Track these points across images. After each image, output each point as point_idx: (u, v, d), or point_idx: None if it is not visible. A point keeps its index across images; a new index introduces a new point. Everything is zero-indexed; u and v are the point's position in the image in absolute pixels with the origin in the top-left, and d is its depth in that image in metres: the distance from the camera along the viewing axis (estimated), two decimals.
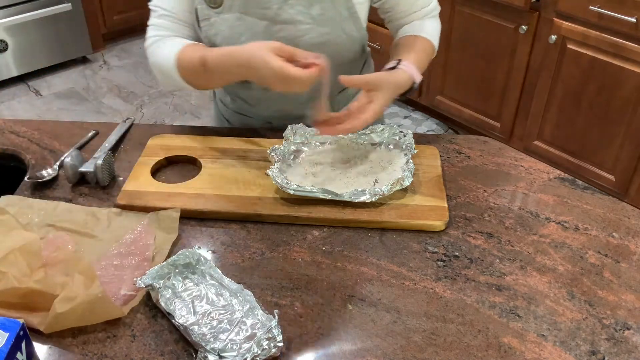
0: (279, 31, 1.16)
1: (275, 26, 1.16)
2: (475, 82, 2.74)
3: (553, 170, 1.19)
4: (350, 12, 1.17)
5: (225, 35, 1.17)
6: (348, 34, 1.18)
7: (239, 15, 1.16)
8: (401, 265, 0.97)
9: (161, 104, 3.34)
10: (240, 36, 1.17)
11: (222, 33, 1.17)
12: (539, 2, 2.35)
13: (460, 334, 0.86)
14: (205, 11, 1.17)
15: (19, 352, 0.77)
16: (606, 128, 2.33)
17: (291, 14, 1.15)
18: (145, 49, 1.22)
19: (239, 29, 1.16)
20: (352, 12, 1.17)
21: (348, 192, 1.05)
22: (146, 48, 1.22)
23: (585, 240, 1.02)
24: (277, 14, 1.15)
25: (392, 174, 1.12)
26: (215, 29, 1.18)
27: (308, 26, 1.16)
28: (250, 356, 0.78)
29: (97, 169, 1.11)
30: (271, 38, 1.15)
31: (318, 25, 1.16)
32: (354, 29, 1.19)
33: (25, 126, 1.31)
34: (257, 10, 1.15)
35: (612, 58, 2.21)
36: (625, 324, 0.88)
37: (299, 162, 1.16)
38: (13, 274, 0.85)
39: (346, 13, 1.17)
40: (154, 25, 1.21)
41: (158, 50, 1.19)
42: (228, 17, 1.16)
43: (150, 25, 1.21)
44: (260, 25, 1.16)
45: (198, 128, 1.32)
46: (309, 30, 1.16)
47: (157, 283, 0.88)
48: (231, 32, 1.17)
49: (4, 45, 3.31)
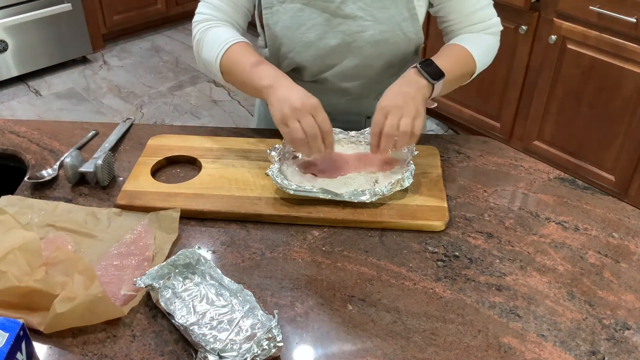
0: (339, 25, 1.17)
1: (336, 20, 1.17)
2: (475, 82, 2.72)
3: (553, 170, 1.19)
4: (411, 13, 1.18)
5: (286, 25, 1.18)
6: (406, 34, 1.19)
7: (300, 6, 1.17)
8: (401, 265, 0.97)
9: (161, 104, 3.34)
10: (300, 27, 1.18)
11: (282, 22, 1.18)
12: (539, 2, 2.35)
13: (460, 334, 0.86)
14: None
15: (19, 352, 0.77)
16: (606, 128, 2.33)
17: (353, 9, 1.16)
18: (193, 24, 1.23)
19: (300, 19, 1.18)
20: (412, 13, 1.18)
21: (348, 192, 1.05)
22: (195, 23, 1.22)
23: (585, 240, 1.02)
24: (339, 7, 1.16)
25: (392, 174, 1.12)
26: (277, 17, 1.19)
27: (368, 23, 1.17)
28: (250, 356, 0.78)
29: (97, 169, 1.11)
30: (331, 31, 1.18)
31: (378, 22, 1.17)
32: (412, 30, 1.19)
33: (25, 126, 1.31)
34: (319, 3, 1.16)
35: (612, 58, 2.21)
36: (625, 324, 0.88)
37: (298, 162, 1.16)
38: (13, 273, 0.85)
39: (407, 13, 1.17)
40: (208, 3, 1.22)
41: (209, 31, 1.19)
42: (291, 7, 1.17)
43: (203, 0, 1.22)
44: (321, 18, 1.17)
45: (198, 128, 1.32)
46: (368, 27, 1.17)
47: (157, 283, 0.88)
48: (292, 22, 1.18)
49: (4, 45, 3.31)
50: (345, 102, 1.28)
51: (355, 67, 1.22)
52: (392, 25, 1.17)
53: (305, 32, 1.18)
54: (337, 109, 1.23)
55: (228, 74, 1.18)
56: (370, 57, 1.20)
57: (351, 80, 1.25)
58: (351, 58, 1.20)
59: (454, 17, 1.23)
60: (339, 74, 1.23)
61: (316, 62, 1.22)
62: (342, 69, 1.22)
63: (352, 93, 1.27)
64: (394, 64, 1.24)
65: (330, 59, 1.21)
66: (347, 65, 1.21)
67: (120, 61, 3.77)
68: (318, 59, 1.21)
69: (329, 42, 1.18)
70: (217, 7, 1.21)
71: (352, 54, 1.20)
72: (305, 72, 1.25)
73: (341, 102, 1.28)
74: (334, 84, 1.25)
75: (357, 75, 1.24)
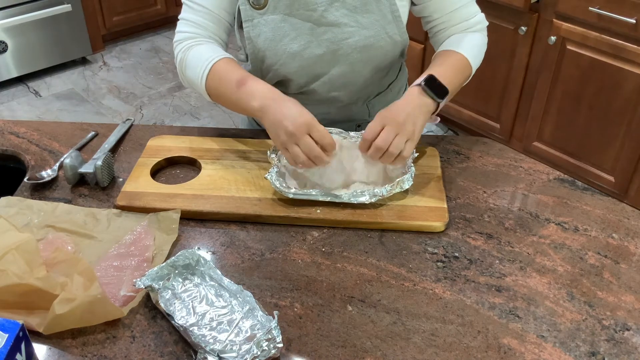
0: (323, 33, 1.16)
1: (320, 28, 1.15)
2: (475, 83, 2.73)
3: (553, 171, 1.19)
4: (394, 15, 1.16)
5: (268, 37, 1.17)
6: (391, 37, 1.18)
7: (283, 16, 1.15)
8: (401, 266, 0.97)
9: (161, 105, 3.34)
10: (283, 38, 1.16)
11: (265, 34, 1.17)
12: (539, 3, 2.36)
13: (460, 335, 0.86)
14: (248, 12, 1.16)
15: (19, 353, 0.77)
16: (606, 129, 2.33)
17: (336, 17, 1.14)
18: (175, 44, 1.21)
19: (283, 30, 1.16)
20: (396, 15, 1.17)
21: (347, 194, 1.05)
22: (176, 42, 1.20)
23: (584, 241, 1.02)
24: (322, 16, 1.14)
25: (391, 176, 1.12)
26: (259, 30, 1.17)
27: (353, 29, 1.15)
28: (249, 357, 0.78)
29: (97, 170, 1.11)
30: (316, 40, 1.16)
31: (362, 28, 1.15)
32: (396, 32, 1.18)
33: (24, 127, 1.31)
34: (302, 12, 1.15)
35: (612, 59, 2.21)
36: (624, 325, 0.88)
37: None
38: (13, 271, 0.85)
39: (390, 16, 1.16)
40: (188, 21, 1.19)
41: (192, 50, 1.17)
42: (272, 18, 1.16)
43: (183, 19, 1.20)
44: (305, 28, 1.16)
45: (198, 129, 1.32)
46: (353, 33, 1.15)
47: (156, 284, 0.88)
48: (274, 34, 1.16)
49: (3, 46, 3.31)
50: (334, 111, 1.27)
51: (343, 75, 1.20)
52: (377, 30, 1.16)
53: (289, 43, 1.16)
54: (327, 118, 1.22)
55: (216, 96, 1.15)
56: (358, 64, 1.19)
57: (339, 89, 1.23)
58: (338, 66, 1.19)
59: (437, 16, 1.22)
60: (326, 84, 1.22)
61: (302, 73, 1.20)
62: (329, 78, 1.20)
63: (341, 101, 1.26)
64: (381, 68, 1.23)
65: (317, 69, 1.19)
66: (335, 73, 1.20)
67: (120, 62, 3.77)
68: (304, 69, 1.19)
69: (315, 51, 1.16)
70: (198, 24, 1.18)
71: (339, 62, 1.18)
72: (292, 85, 1.23)
73: (330, 111, 1.27)
74: (322, 94, 1.23)
75: (345, 83, 1.22)
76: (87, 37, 3.64)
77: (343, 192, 1.07)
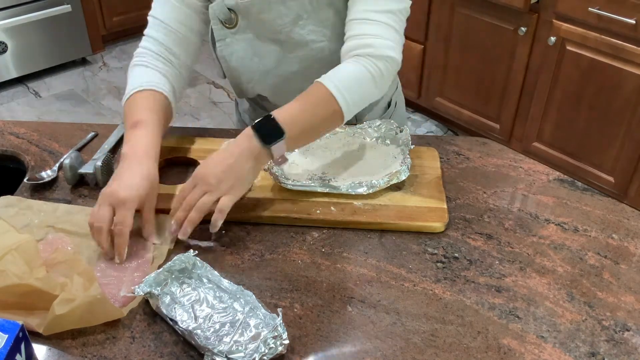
0: (292, 52, 1.15)
1: (288, 48, 1.15)
2: (475, 84, 2.75)
3: (552, 171, 1.19)
4: None
5: (240, 56, 1.17)
6: None
7: (253, 36, 1.15)
8: (401, 266, 0.97)
9: None
10: (254, 56, 1.16)
11: (237, 53, 1.17)
12: (538, 4, 2.36)
13: (459, 336, 0.86)
14: (220, 31, 1.16)
15: (18, 354, 0.77)
16: (605, 129, 2.33)
17: (302, 35, 1.13)
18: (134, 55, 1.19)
19: (254, 49, 1.16)
20: None
21: (345, 185, 1.06)
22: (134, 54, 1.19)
23: (584, 241, 1.02)
24: (288, 37, 1.13)
25: (388, 168, 1.12)
26: (231, 49, 1.17)
27: (322, 44, 1.14)
28: (258, 356, 0.78)
29: (97, 170, 1.11)
30: (285, 59, 1.15)
31: (332, 41, 1.14)
32: None
33: (24, 127, 1.31)
34: (267, 34, 1.14)
35: (611, 59, 2.21)
36: (624, 326, 0.88)
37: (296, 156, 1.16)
38: (13, 272, 0.85)
39: None
40: (146, 36, 1.18)
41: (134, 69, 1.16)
42: (243, 37, 1.16)
43: (145, 35, 1.19)
44: (273, 49, 1.15)
45: (197, 130, 1.32)
46: (322, 49, 1.14)
47: (155, 290, 0.88)
48: (246, 53, 1.17)
49: (3, 46, 3.31)
50: None
51: None
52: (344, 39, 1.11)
53: (262, 61, 1.15)
54: None
55: None
56: None
57: None
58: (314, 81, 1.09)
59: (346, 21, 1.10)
60: None
61: (277, 90, 1.19)
62: None
63: None
64: None
65: (292, 85, 1.15)
66: None
67: (119, 63, 3.77)
68: (278, 86, 1.18)
69: (288, 68, 1.15)
70: (154, 39, 1.16)
71: (314, 77, 1.08)
72: (268, 101, 1.23)
73: None
74: None
75: None
76: (86, 38, 3.64)
77: (341, 183, 1.07)
